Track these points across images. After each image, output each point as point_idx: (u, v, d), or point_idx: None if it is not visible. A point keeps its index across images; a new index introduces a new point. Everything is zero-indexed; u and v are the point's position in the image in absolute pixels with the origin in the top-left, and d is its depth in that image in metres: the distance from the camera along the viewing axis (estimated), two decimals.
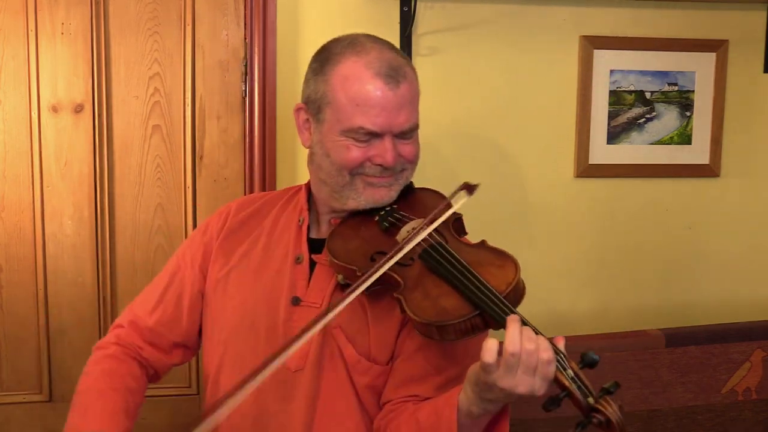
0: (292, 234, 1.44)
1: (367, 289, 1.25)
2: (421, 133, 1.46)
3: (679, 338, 1.98)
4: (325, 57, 1.36)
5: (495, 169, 2.15)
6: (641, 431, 1.97)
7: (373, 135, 1.32)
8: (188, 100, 2.10)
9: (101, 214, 2.11)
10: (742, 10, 2.19)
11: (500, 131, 2.14)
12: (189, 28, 2.07)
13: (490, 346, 1.07)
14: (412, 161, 1.39)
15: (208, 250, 1.49)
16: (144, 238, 2.13)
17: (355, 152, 1.32)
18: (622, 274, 2.25)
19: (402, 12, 2.03)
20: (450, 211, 1.29)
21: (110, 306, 2.14)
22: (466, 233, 1.41)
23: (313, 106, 1.37)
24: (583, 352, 1.09)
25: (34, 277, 2.11)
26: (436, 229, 1.31)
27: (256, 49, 2.02)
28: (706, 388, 2.00)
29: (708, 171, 2.24)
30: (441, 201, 1.38)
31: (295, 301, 1.37)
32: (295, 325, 1.35)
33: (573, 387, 1.07)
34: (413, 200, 1.42)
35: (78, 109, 2.07)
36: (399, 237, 1.32)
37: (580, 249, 2.22)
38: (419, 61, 2.06)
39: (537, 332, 1.10)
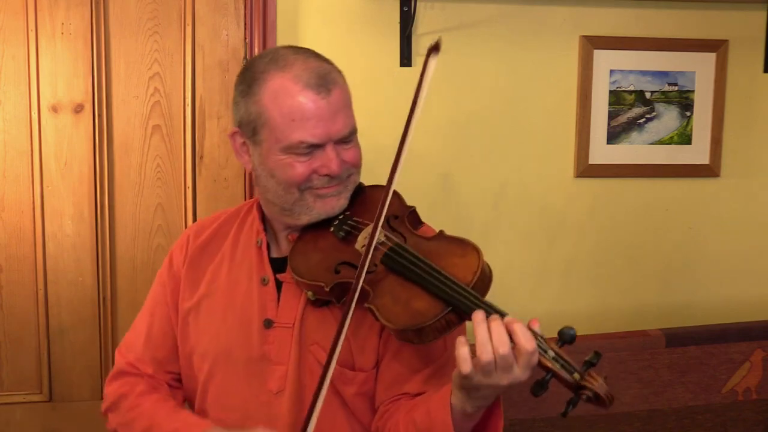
0: (253, 256, 1.41)
1: (339, 300, 1.27)
2: (421, 132, 1.46)
3: (679, 338, 1.98)
4: (251, 77, 1.32)
5: (495, 169, 2.15)
6: (641, 431, 1.97)
7: (314, 147, 1.29)
8: (188, 100, 2.10)
9: (101, 214, 2.11)
10: (742, 10, 2.19)
11: (500, 131, 2.14)
12: (189, 28, 2.07)
13: (463, 356, 1.07)
14: (357, 165, 1.36)
15: (176, 283, 1.46)
16: (144, 238, 2.13)
17: (300, 168, 1.30)
18: (622, 274, 2.24)
19: (402, 12, 2.03)
20: (425, 85, 1.24)
21: (110, 306, 2.14)
22: (422, 224, 1.40)
23: (247, 129, 1.33)
24: (560, 330, 1.09)
25: (34, 277, 2.11)
26: (392, 228, 1.30)
27: (256, 49, 2.02)
28: (706, 388, 2.00)
29: (708, 171, 2.24)
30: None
31: (268, 324, 1.36)
32: (270, 348, 1.34)
33: (557, 367, 1.08)
34: (364, 201, 1.39)
35: (78, 109, 2.07)
36: (357, 245, 1.30)
37: (580, 249, 2.22)
38: (419, 61, 2.06)
39: (508, 320, 1.09)
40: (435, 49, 1.26)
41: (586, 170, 2.18)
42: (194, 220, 2.13)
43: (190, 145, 2.11)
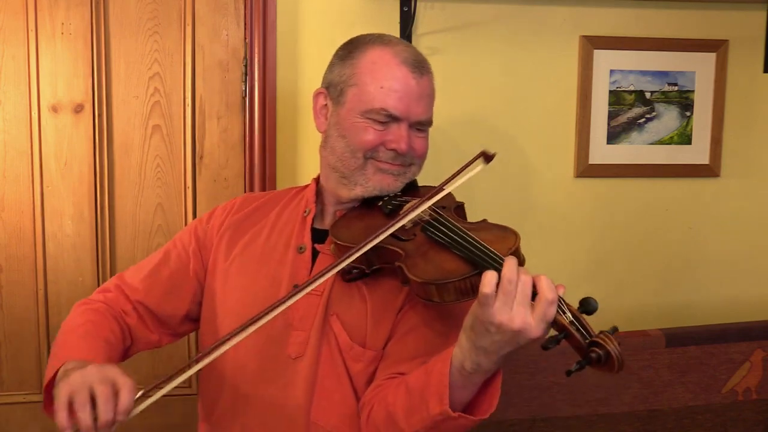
0: (296, 225, 1.47)
1: (369, 267, 1.30)
2: None
3: (679, 338, 1.98)
4: (354, 45, 1.44)
5: (495, 169, 2.14)
6: (641, 431, 1.97)
7: (392, 119, 1.37)
8: (188, 100, 2.10)
9: (101, 214, 2.11)
10: (742, 10, 2.19)
11: (500, 131, 2.14)
12: (189, 28, 2.07)
13: (489, 278, 1.08)
14: (421, 156, 1.44)
15: (209, 239, 1.52)
16: (144, 238, 2.13)
17: (372, 134, 1.38)
18: (622, 274, 2.25)
19: (402, 12, 2.03)
20: (463, 178, 1.33)
21: None
22: (466, 219, 1.43)
23: (334, 90, 1.42)
24: (583, 298, 1.11)
25: (34, 277, 2.11)
26: (438, 212, 1.34)
27: (256, 49, 2.02)
28: (706, 388, 2.00)
29: (708, 171, 2.24)
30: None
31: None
32: (295, 314, 1.37)
33: (572, 329, 1.09)
34: (416, 193, 1.45)
35: (78, 109, 2.07)
36: (400, 212, 1.35)
37: (580, 249, 2.22)
38: None
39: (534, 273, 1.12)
40: (487, 158, 1.41)
41: (586, 170, 2.18)
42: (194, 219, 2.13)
43: (190, 145, 2.11)
